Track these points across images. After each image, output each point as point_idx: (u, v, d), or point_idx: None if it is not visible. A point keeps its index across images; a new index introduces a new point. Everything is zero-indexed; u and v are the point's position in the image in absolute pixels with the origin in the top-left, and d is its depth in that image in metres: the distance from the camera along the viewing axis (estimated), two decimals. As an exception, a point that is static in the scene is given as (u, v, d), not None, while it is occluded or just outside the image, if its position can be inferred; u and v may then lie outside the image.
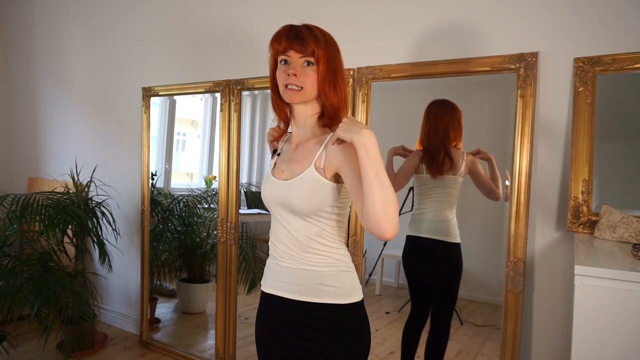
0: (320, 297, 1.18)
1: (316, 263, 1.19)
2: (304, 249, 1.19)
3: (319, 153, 1.16)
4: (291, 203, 1.16)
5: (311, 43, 1.13)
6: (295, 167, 1.20)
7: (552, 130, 1.72)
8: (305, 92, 1.15)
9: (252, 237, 2.81)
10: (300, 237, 1.18)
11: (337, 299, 1.18)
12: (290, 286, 1.21)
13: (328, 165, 1.14)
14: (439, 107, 1.98)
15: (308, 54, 1.14)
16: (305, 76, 1.14)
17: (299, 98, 1.16)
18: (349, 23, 2.12)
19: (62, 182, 3.14)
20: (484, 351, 2.08)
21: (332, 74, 1.16)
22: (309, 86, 1.15)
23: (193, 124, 3.26)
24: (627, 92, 1.67)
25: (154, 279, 3.05)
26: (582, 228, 1.64)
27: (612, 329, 1.13)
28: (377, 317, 2.36)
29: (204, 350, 2.76)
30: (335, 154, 1.12)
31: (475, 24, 1.85)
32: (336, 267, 1.20)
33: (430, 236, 2.00)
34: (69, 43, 3.34)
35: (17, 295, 2.32)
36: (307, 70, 1.14)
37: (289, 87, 1.15)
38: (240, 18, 2.52)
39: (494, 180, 1.93)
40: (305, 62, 1.15)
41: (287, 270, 1.21)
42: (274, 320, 1.25)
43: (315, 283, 1.18)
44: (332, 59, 1.17)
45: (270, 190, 1.24)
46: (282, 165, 1.24)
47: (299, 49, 1.13)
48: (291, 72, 1.13)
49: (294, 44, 1.14)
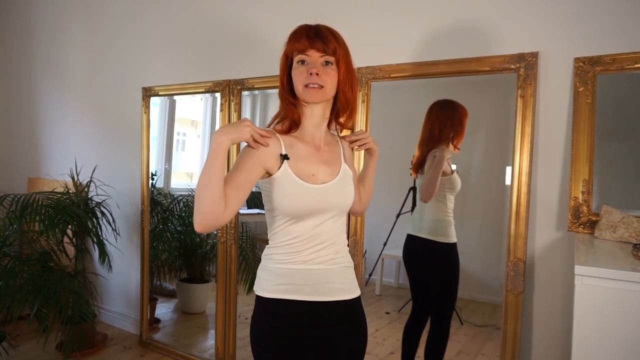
0: (355, 292, 1.26)
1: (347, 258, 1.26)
2: (345, 246, 1.26)
3: (340, 151, 1.28)
4: (348, 201, 1.23)
5: (333, 42, 1.14)
6: (328, 168, 1.21)
7: (552, 130, 1.72)
8: (326, 91, 1.15)
9: (252, 237, 2.81)
10: (342, 235, 1.25)
11: (345, 294, 1.24)
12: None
13: (347, 161, 1.29)
14: (439, 107, 1.98)
15: (330, 52, 1.13)
16: (326, 75, 1.14)
17: (320, 97, 1.15)
18: (348, 23, 2.12)
19: (62, 182, 3.14)
20: (484, 351, 2.08)
21: (349, 73, 1.18)
22: (330, 85, 1.15)
23: (193, 124, 3.25)
24: (627, 92, 1.67)
25: (154, 279, 3.05)
26: (582, 228, 1.63)
27: (612, 329, 1.13)
28: (377, 317, 2.36)
29: (204, 351, 2.75)
30: (349, 152, 1.33)
31: (475, 24, 1.85)
32: (342, 264, 1.25)
33: (426, 236, 2.00)
34: (69, 43, 3.34)
35: (17, 295, 2.32)
36: (326, 69, 1.14)
37: (310, 86, 1.13)
38: (240, 18, 2.52)
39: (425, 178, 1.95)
40: (324, 61, 1.14)
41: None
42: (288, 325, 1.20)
43: (352, 279, 1.26)
44: (349, 59, 1.19)
45: (311, 196, 1.16)
46: (309, 168, 1.17)
47: (320, 48, 1.13)
48: (314, 71, 1.12)
49: (315, 43, 1.13)
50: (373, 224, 2.14)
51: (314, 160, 1.19)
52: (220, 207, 1.06)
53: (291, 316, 1.19)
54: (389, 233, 2.25)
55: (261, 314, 1.22)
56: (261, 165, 1.14)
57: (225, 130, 1.08)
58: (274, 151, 1.15)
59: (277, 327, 1.20)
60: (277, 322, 1.20)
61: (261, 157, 1.13)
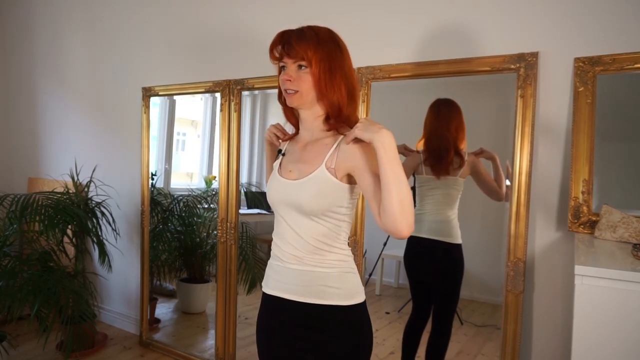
0: (324, 298, 1.18)
1: (321, 264, 1.19)
2: (311, 250, 1.19)
3: (329, 154, 1.17)
4: (301, 202, 1.17)
5: (299, 48, 1.14)
6: (304, 167, 1.20)
7: (552, 130, 1.72)
8: (302, 95, 1.16)
9: (252, 237, 2.81)
10: (307, 237, 1.18)
11: (340, 300, 1.18)
12: (293, 287, 1.20)
13: (340, 166, 1.15)
14: (447, 106, 1.97)
15: (298, 58, 1.15)
16: (299, 79, 1.16)
17: (297, 101, 1.18)
18: (348, 23, 2.12)
19: (62, 182, 3.13)
20: (484, 351, 2.08)
21: (327, 73, 1.15)
22: (304, 89, 1.16)
23: (193, 124, 3.26)
24: (627, 92, 1.67)
25: (153, 279, 3.05)
26: (582, 228, 1.63)
27: (612, 328, 1.13)
28: (377, 317, 2.36)
29: (204, 350, 2.75)
30: (352, 153, 1.12)
31: (475, 24, 1.85)
32: (340, 268, 1.20)
33: (431, 237, 2.00)
34: (69, 43, 3.34)
35: (17, 295, 2.32)
36: (300, 73, 1.15)
37: (288, 92, 1.18)
38: (240, 18, 2.52)
39: (497, 180, 1.92)
40: (298, 65, 1.16)
41: (291, 272, 1.21)
42: (276, 321, 1.25)
43: (319, 284, 1.18)
44: (328, 58, 1.15)
45: (278, 190, 1.23)
46: (289, 165, 1.24)
47: (292, 54, 1.15)
48: (285, 77, 1.17)
49: (284, 51, 1.16)
50: (373, 224, 2.12)
51: (296, 157, 1.24)
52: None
53: (285, 314, 1.23)
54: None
55: (261, 308, 1.31)
56: None
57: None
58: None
59: (271, 322, 1.26)
60: (272, 317, 1.26)
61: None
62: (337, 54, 1.19)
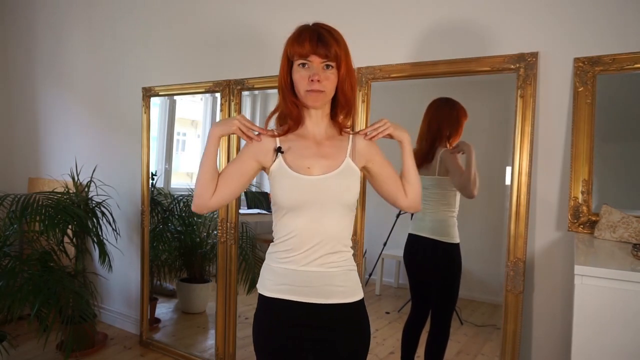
0: (330, 297, 1.19)
1: (332, 264, 1.20)
2: (333, 249, 1.19)
3: (349, 147, 1.23)
4: (343, 194, 1.18)
5: (334, 45, 1.14)
6: (327, 162, 1.20)
7: (552, 130, 1.72)
8: (327, 95, 1.18)
9: (252, 237, 2.81)
10: (333, 232, 1.19)
11: (346, 298, 1.21)
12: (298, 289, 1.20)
13: (358, 158, 1.24)
14: (437, 104, 1.98)
15: (331, 58, 1.14)
16: (326, 80, 1.15)
17: (321, 101, 1.18)
18: (348, 23, 2.12)
19: (62, 182, 3.14)
20: (484, 351, 2.08)
21: (349, 74, 1.19)
22: (330, 89, 1.17)
23: (193, 124, 3.26)
24: (627, 92, 1.67)
25: (154, 279, 3.05)
26: (582, 228, 1.64)
27: (612, 328, 1.13)
28: (377, 317, 2.36)
29: (204, 350, 2.76)
30: (372, 147, 1.28)
31: (475, 24, 1.85)
32: (345, 267, 1.23)
33: (430, 236, 2.00)
34: (69, 43, 3.34)
35: (17, 295, 2.32)
36: (327, 73, 1.15)
37: (313, 92, 1.15)
38: (240, 18, 2.52)
39: (466, 173, 1.87)
40: (325, 65, 1.15)
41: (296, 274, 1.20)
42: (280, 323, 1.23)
43: (325, 284, 1.19)
44: (348, 59, 1.19)
45: (304, 187, 1.18)
46: (304, 162, 1.20)
47: (322, 54, 1.13)
48: (315, 78, 1.14)
49: (317, 49, 1.13)
50: (373, 224, 2.14)
51: (311, 154, 1.21)
52: (208, 191, 1.23)
53: (291, 316, 1.21)
54: (389, 233, 2.25)
55: (262, 312, 1.26)
56: (254, 158, 1.25)
57: (218, 123, 1.27)
58: (267, 146, 1.24)
59: (277, 325, 1.23)
60: (276, 321, 1.23)
61: (254, 150, 1.25)
62: (350, 57, 1.22)
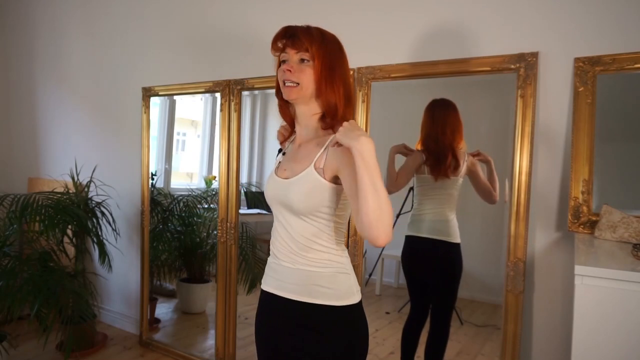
0: (316, 297, 1.18)
1: (313, 264, 1.19)
2: (302, 248, 1.19)
3: (319, 154, 1.16)
4: (290, 201, 1.17)
5: (305, 40, 1.15)
6: (296, 166, 1.20)
7: (552, 130, 1.72)
8: (302, 89, 1.15)
9: (252, 237, 2.81)
10: (298, 236, 1.19)
11: (332, 300, 1.17)
12: (288, 285, 1.21)
13: (328, 167, 1.14)
14: (442, 108, 1.97)
15: (302, 49, 1.15)
16: (300, 72, 1.15)
17: (296, 94, 1.16)
18: (348, 23, 2.12)
19: (62, 182, 3.14)
20: (484, 351, 2.08)
21: (329, 71, 1.16)
22: (305, 82, 1.15)
23: (193, 124, 3.26)
24: (627, 92, 1.67)
25: (154, 279, 3.05)
26: (582, 228, 1.63)
27: (612, 328, 1.13)
28: (377, 317, 2.36)
29: (204, 350, 2.75)
30: (336, 156, 1.12)
31: (475, 24, 1.85)
32: (333, 268, 1.20)
33: (430, 236, 2.00)
34: (69, 43, 3.34)
35: (17, 295, 2.32)
36: (302, 66, 1.15)
37: (286, 84, 1.16)
38: (240, 18, 2.52)
39: (491, 183, 1.93)
40: (300, 59, 1.16)
41: (285, 270, 1.21)
42: (272, 318, 1.26)
43: (311, 284, 1.18)
44: (331, 57, 1.17)
45: (272, 188, 1.25)
46: (285, 164, 1.25)
47: (296, 45, 1.15)
48: (286, 67, 1.15)
49: (289, 42, 1.16)
50: (373, 224, 2.13)
51: (291, 157, 1.25)
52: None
53: (280, 311, 1.23)
54: (389, 233, 2.25)
55: (258, 305, 1.32)
56: None
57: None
58: None
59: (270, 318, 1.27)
60: (268, 313, 1.28)
61: None
62: (339, 56, 1.20)
